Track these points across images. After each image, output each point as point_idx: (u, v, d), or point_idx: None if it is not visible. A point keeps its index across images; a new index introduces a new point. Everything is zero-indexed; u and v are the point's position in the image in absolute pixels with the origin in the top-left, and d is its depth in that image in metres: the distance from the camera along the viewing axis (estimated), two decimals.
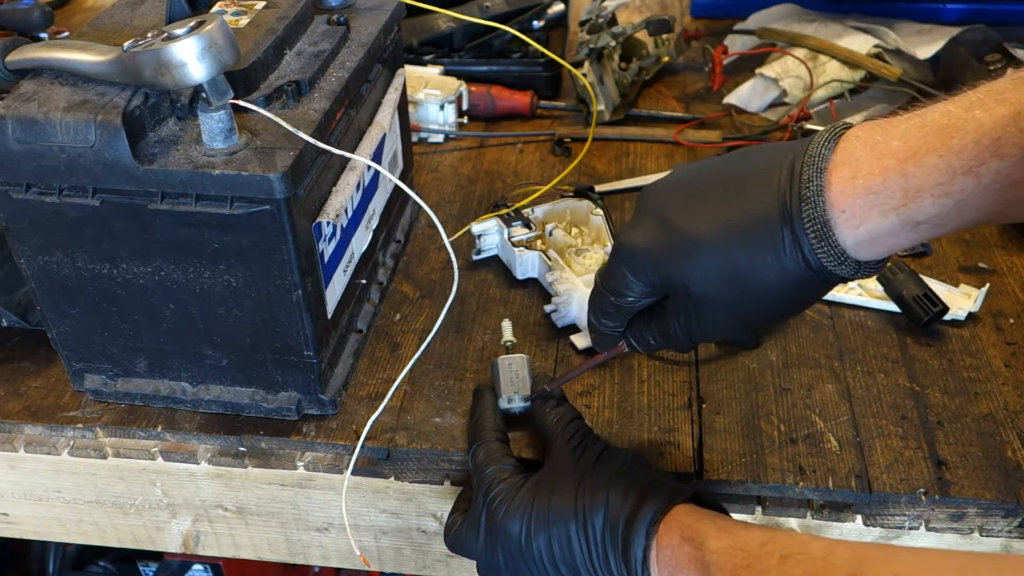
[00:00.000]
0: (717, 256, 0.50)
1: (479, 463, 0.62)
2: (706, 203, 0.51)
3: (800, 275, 0.48)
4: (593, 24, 1.06)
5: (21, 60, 0.61)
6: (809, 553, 0.47)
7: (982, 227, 0.87)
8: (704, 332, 0.54)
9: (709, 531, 0.52)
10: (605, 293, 0.56)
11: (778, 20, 1.17)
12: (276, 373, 0.66)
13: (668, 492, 0.56)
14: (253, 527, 0.74)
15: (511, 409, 0.66)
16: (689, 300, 0.52)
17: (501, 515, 0.58)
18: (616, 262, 0.55)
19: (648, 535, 0.54)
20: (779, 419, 0.68)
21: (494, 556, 0.59)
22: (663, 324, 0.56)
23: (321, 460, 0.68)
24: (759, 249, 0.48)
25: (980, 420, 0.67)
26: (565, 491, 0.57)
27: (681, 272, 0.51)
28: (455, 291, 0.71)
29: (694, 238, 0.50)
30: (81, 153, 0.56)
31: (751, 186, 0.49)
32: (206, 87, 0.54)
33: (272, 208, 0.57)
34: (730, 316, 0.52)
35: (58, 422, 0.69)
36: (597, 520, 0.55)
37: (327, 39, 0.68)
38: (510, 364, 0.68)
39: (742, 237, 0.49)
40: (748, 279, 0.49)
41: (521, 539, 0.57)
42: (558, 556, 0.56)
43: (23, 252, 0.63)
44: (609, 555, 0.55)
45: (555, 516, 0.56)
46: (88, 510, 0.75)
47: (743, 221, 0.49)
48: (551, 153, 1.01)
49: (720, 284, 0.50)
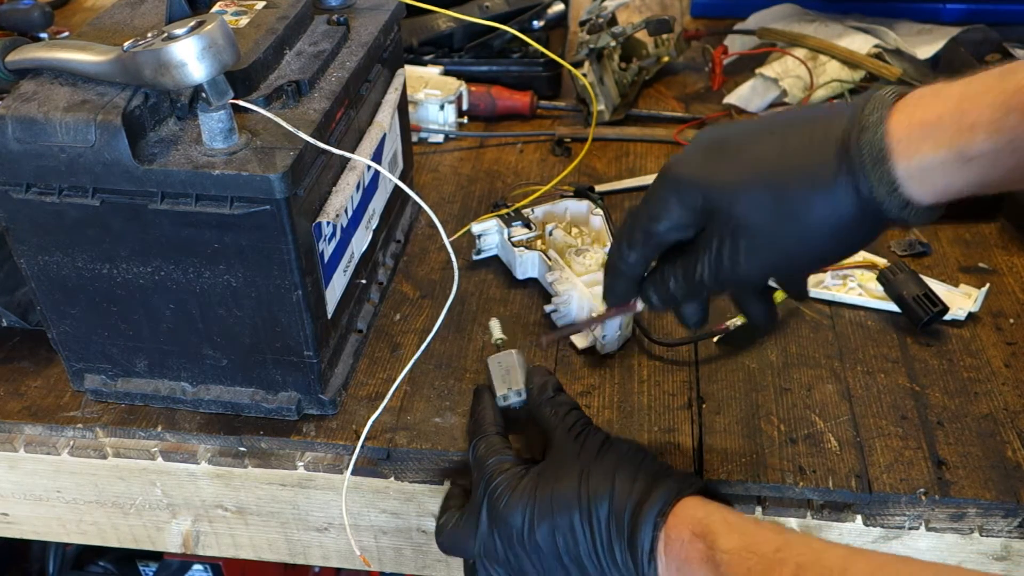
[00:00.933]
0: (769, 179, 0.50)
1: (480, 455, 0.61)
2: (767, 136, 0.52)
3: (850, 205, 0.48)
4: (593, 24, 1.06)
5: (21, 60, 0.61)
6: (825, 567, 0.46)
7: (982, 227, 0.87)
8: (733, 270, 0.52)
9: (720, 528, 0.51)
10: (639, 217, 0.55)
11: (778, 20, 1.17)
12: (276, 373, 0.66)
13: (676, 483, 0.55)
14: (253, 527, 0.74)
15: (509, 405, 0.66)
16: (728, 226, 0.51)
17: (503, 505, 0.57)
18: (661, 184, 0.54)
19: (656, 526, 0.53)
20: (779, 419, 0.68)
21: (494, 548, 0.58)
22: (689, 262, 0.54)
23: (321, 460, 0.68)
24: (813, 176, 0.49)
25: (980, 420, 0.67)
26: (568, 480, 0.56)
27: (728, 193, 0.51)
28: (455, 291, 0.72)
29: (748, 162, 0.51)
30: (81, 153, 0.56)
31: (813, 124, 0.50)
32: (206, 87, 0.54)
33: (272, 208, 0.57)
34: (767, 249, 0.51)
35: (58, 422, 0.69)
36: (602, 509, 0.54)
37: (327, 39, 0.68)
38: (499, 362, 0.68)
39: (798, 162, 0.49)
40: (796, 204, 0.49)
41: (524, 530, 0.56)
42: (562, 547, 0.55)
43: (23, 252, 0.63)
44: (614, 545, 0.54)
45: (558, 505, 0.55)
46: (88, 510, 0.75)
47: (802, 149, 0.50)
48: (551, 153, 1.01)
49: (766, 207, 0.50)
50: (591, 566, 0.55)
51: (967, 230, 0.87)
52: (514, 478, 0.58)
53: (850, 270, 0.80)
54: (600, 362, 0.74)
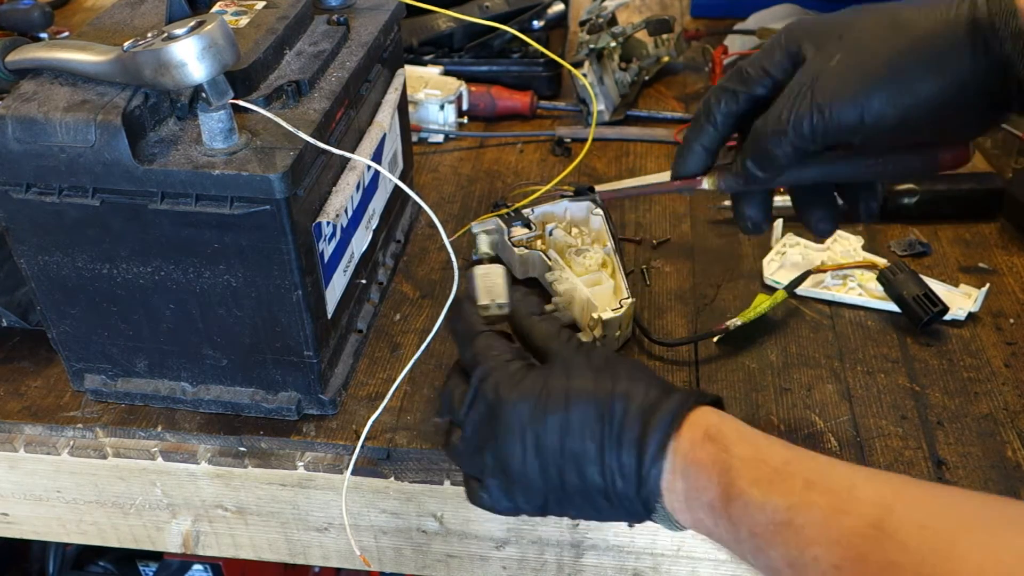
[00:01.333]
0: (884, 10, 0.52)
1: (479, 350, 0.57)
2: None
3: (962, 28, 0.48)
4: (593, 24, 1.06)
5: (21, 60, 0.61)
6: (833, 482, 0.46)
7: (982, 227, 0.87)
8: (833, 91, 0.51)
9: (734, 436, 0.50)
10: (740, 69, 0.56)
11: (778, 20, 1.17)
12: (276, 373, 0.66)
13: (694, 392, 0.53)
14: (253, 527, 0.74)
15: (488, 318, 0.62)
16: (836, 54, 0.51)
17: (511, 394, 0.54)
18: (773, 39, 0.56)
19: (671, 424, 0.51)
20: (779, 419, 0.68)
21: (487, 431, 0.55)
22: (779, 105, 0.54)
23: (321, 460, 0.68)
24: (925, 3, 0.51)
25: (980, 420, 0.67)
26: (583, 378, 0.54)
27: (841, 22, 0.52)
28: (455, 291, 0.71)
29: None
30: (81, 153, 0.56)
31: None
32: (206, 87, 0.54)
33: (272, 208, 0.57)
34: (870, 63, 0.50)
35: (58, 422, 0.69)
36: (619, 407, 0.52)
37: (327, 39, 0.68)
38: (485, 273, 0.64)
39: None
40: (908, 27, 0.50)
41: (530, 419, 0.53)
42: (568, 444, 0.52)
43: (23, 252, 0.63)
44: (623, 443, 0.51)
45: (575, 401, 0.53)
46: (88, 510, 0.75)
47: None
48: (551, 153, 1.01)
49: (875, 21, 0.51)
50: (593, 466, 0.52)
51: (967, 230, 0.87)
52: (520, 371, 0.55)
53: (850, 270, 0.80)
54: None
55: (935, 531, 0.41)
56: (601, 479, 0.52)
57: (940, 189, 0.87)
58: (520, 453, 0.53)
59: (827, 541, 0.44)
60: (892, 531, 0.42)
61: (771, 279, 0.80)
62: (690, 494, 0.50)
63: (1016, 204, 0.86)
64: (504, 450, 0.54)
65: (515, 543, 0.70)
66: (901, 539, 0.41)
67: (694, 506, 0.50)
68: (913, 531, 0.41)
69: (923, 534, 0.41)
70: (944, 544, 0.40)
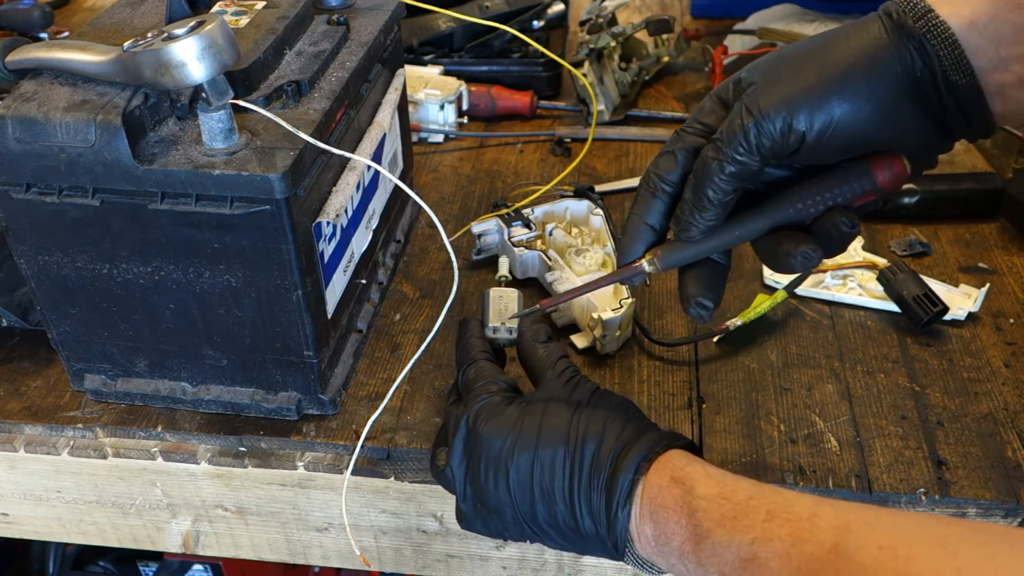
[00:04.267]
0: (813, 37, 0.53)
1: (469, 379, 0.60)
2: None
3: (880, 28, 0.50)
4: (593, 24, 1.06)
5: (21, 60, 0.61)
6: (795, 512, 0.46)
7: (982, 227, 0.87)
8: (758, 101, 0.51)
9: (699, 477, 0.51)
10: (675, 133, 0.57)
11: (778, 20, 1.17)
12: (276, 373, 0.66)
13: (665, 435, 0.55)
14: (253, 527, 0.74)
15: (497, 339, 0.65)
16: (768, 75, 0.52)
17: (485, 427, 0.56)
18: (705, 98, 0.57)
19: (638, 469, 0.52)
20: (779, 419, 0.68)
21: (467, 463, 0.56)
22: (715, 134, 0.53)
23: (321, 460, 0.68)
24: (848, 26, 0.52)
25: (980, 420, 0.67)
26: (558, 416, 0.55)
27: (768, 56, 0.54)
28: (455, 291, 0.71)
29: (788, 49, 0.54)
30: (81, 153, 0.56)
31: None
32: (206, 87, 0.54)
33: (272, 208, 0.57)
34: (801, 84, 0.50)
35: (58, 422, 0.69)
36: (588, 450, 0.54)
37: (327, 39, 0.68)
38: (500, 296, 0.66)
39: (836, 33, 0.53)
40: (836, 41, 0.52)
41: (501, 455, 0.55)
42: (537, 479, 0.54)
43: (23, 252, 0.63)
44: (592, 486, 0.53)
45: (545, 439, 0.54)
46: (88, 510, 0.75)
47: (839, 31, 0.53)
48: (551, 153, 1.01)
49: (807, 49, 0.52)
50: (562, 504, 0.54)
51: (967, 230, 0.87)
52: (501, 404, 0.57)
53: (850, 270, 0.80)
54: (600, 362, 0.74)
55: (892, 551, 0.42)
56: (571, 517, 0.54)
57: (940, 189, 0.88)
58: (493, 485, 0.55)
59: (789, 571, 0.44)
60: (850, 554, 0.43)
61: (771, 279, 0.80)
62: (660, 539, 0.51)
63: (1016, 204, 0.86)
64: (479, 481, 0.56)
65: (515, 543, 0.70)
66: (859, 560, 0.42)
67: (665, 551, 0.51)
68: (871, 552, 0.42)
69: (880, 555, 0.42)
70: (901, 564, 0.41)
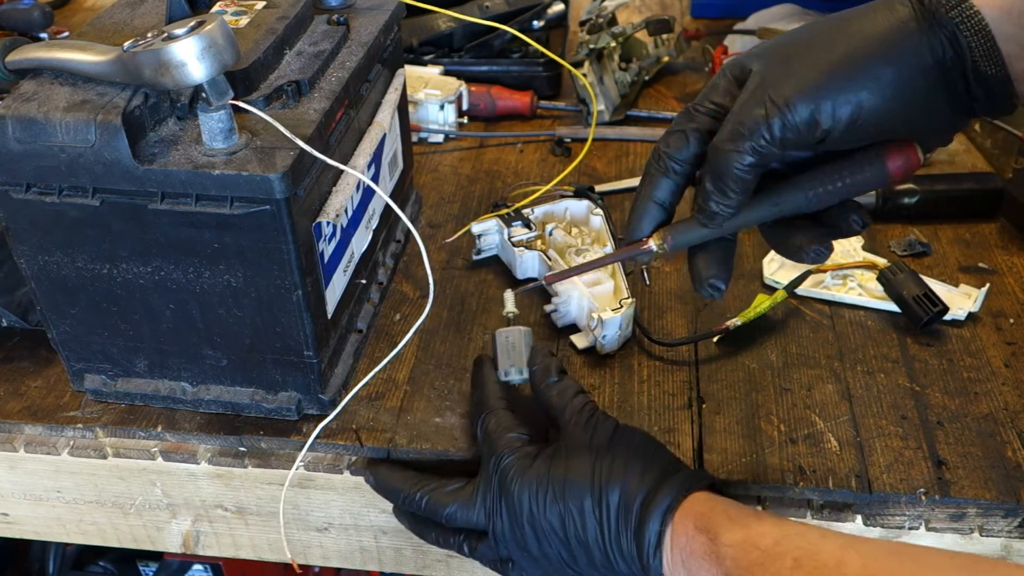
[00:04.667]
0: (830, 17, 0.51)
1: (490, 430, 0.61)
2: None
3: (913, 17, 0.48)
4: (593, 24, 1.06)
5: (21, 60, 0.61)
6: (821, 561, 0.47)
7: (982, 227, 0.87)
8: (778, 90, 0.49)
9: (723, 522, 0.52)
10: (686, 109, 0.55)
11: (778, 20, 1.17)
12: (276, 373, 0.66)
13: (687, 478, 0.55)
14: (253, 527, 0.74)
15: (510, 381, 0.65)
16: (788, 58, 0.50)
17: (514, 485, 0.57)
18: (716, 75, 0.55)
19: (664, 521, 0.53)
20: (779, 419, 0.68)
21: (501, 523, 0.58)
22: (732, 116, 0.50)
23: (321, 460, 0.68)
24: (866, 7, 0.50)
25: (980, 420, 0.67)
26: (580, 466, 0.57)
27: (785, 37, 0.52)
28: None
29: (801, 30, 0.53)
30: (81, 153, 0.56)
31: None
32: (206, 87, 0.54)
33: (272, 208, 0.57)
34: (826, 72, 0.48)
35: (58, 422, 0.69)
36: (613, 498, 0.55)
37: (327, 39, 0.68)
38: (507, 337, 0.66)
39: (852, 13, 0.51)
40: (857, 22, 0.50)
41: (533, 511, 0.56)
42: (570, 531, 0.56)
43: (23, 252, 0.63)
44: (622, 534, 0.54)
45: (570, 491, 0.56)
46: (88, 510, 0.75)
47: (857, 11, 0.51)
48: (551, 153, 1.01)
49: (828, 31, 0.50)
50: (597, 551, 0.55)
51: (967, 230, 0.87)
52: (526, 458, 0.58)
53: (850, 270, 0.80)
54: (600, 362, 0.74)
55: None
56: (606, 560, 0.55)
57: (940, 189, 0.88)
58: (532, 537, 0.57)
59: None
60: None
61: (771, 279, 0.80)
62: None
63: (1016, 204, 0.86)
64: (518, 534, 0.57)
65: None
66: None
67: None
68: None
69: None
70: None
